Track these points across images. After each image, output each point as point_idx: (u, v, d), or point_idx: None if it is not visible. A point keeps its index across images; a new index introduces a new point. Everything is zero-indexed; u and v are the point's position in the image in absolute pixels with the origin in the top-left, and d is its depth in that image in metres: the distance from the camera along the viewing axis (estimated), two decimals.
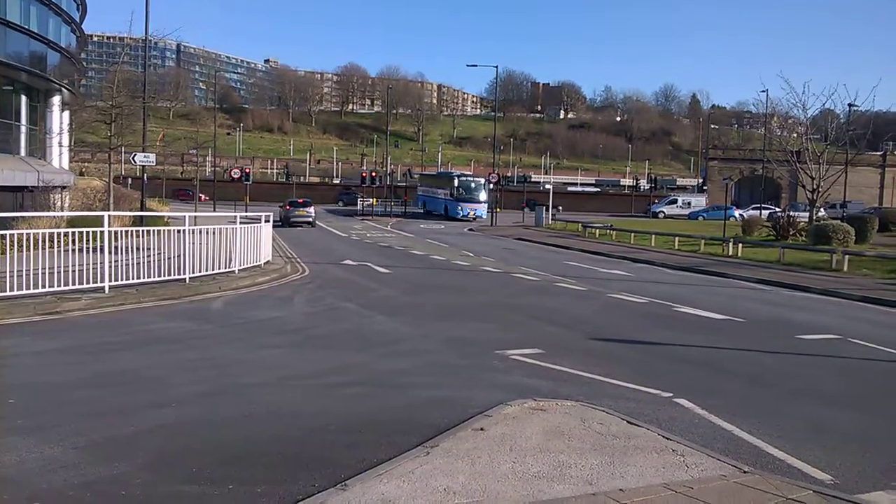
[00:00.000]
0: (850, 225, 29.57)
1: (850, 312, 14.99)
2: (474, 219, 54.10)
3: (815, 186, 34.70)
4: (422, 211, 61.14)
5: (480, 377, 8.11)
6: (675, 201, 69.76)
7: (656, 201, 71.26)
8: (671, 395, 7.54)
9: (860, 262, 23.62)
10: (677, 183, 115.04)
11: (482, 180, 58.31)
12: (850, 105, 39.06)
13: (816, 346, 10.74)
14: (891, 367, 9.78)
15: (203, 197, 66.65)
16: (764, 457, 5.85)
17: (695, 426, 6.58)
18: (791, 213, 38.78)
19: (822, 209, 42.62)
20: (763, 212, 50.93)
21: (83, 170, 61.64)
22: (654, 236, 33.79)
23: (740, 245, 28.65)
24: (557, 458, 5.40)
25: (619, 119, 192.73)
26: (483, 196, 56.25)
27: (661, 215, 64.77)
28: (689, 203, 67.98)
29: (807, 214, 37.97)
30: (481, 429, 6.02)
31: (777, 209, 53.94)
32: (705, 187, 79.40)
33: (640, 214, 66.37)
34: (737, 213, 51.86)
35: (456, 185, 57.23)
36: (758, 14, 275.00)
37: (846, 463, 5.79)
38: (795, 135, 43.54)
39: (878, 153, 73.57)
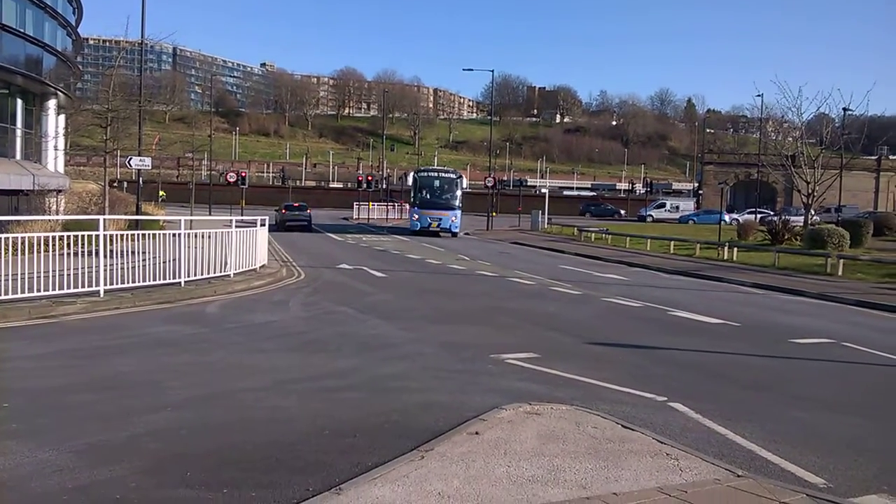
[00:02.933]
0: (845, 229, 29.74)
1: (844, 317, 15.05)
2: (440, 232, 39.49)
3: (810, 191, 34.84)
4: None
5: (476, 381, 8.11)
6: (663, 205, 70.61)
7: (647, 205, 71.74)
8: (666, 399, 7.57)
9: (855, 266, 23.71)
10: (673, 187, 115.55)
11: (452, 175, 41.54)
12: (844, 109, 39.26)
13: (811, 351, 10.79)
14: (884, 372, 9.81)
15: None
16: (758, 461, 5.88)
17: (689, 430, 6.60)
18: (786, 217, 38.94)
19: (816, 213, 42.74)
20: (758, 216, 51.00)
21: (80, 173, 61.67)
22: (649, 240, 33.83)
23: (735, 249, 28.71)
24: (552, 461, 5.42)
25: (614, 123, 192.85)
26: (454, 200, 39.99)
27: (649, 219, 65.01)
28: (677, 207, 69.06)
29: (802, 218, 38.12)
30: (476, 433, 6.03)
31: (772, 213, 54.05)
32: (701, 191, 79.69)
33: (633, 219, 66.64)
34: (727, 217, 51.78)
35: (411, 182, 41.99)
36: (753, 18, 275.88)
37: (839, 467, 5.81)
38: (791, 139, 43.70)
39: (873, 157, 73.79)
